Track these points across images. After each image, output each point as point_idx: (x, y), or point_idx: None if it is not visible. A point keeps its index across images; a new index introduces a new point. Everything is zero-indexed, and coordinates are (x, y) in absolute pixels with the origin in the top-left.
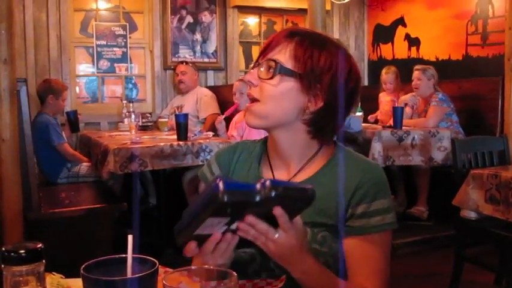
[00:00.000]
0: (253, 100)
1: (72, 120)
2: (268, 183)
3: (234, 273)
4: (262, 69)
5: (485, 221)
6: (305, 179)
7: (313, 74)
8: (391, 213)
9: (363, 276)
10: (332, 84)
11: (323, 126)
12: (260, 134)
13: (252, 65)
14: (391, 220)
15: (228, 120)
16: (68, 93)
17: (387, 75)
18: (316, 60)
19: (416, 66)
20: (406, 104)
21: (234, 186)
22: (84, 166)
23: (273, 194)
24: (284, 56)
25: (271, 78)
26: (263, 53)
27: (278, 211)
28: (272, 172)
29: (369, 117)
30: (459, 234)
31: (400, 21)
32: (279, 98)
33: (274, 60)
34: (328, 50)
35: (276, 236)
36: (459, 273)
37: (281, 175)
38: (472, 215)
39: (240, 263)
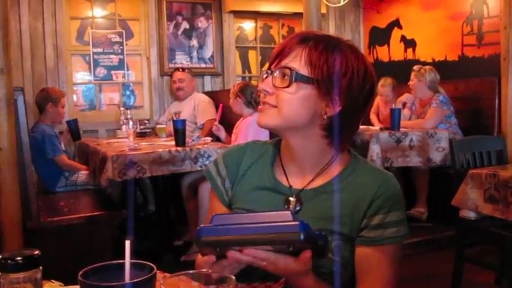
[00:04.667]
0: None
1: (73, 129)
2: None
3: (233, 277)
4: (276, 76)
5: (485, 220)
6: (319, 186)
7: (329, 79)
8: (404, 225)
9: (374, 286)
10: (349, 87)
11: (340, 131)
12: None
13: (263, 73)
14: (404, 232)
15: (223, 123)
16: (66, 99)
17: (383, 88)
18: (332, 64)
19: (414, 67)
20: (404, 104)
21: (309, 230)
22: (82, 174)
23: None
24: (299, 62)
25: (288, 86)
26: (275, 59)
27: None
28: (286, 178)
29: (377, 126)
30: (459, 235)
31: (396, 23)
32: (296, 105)
33: (290, 68)
34: (343, 52)
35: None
36: (460, 273)
37: (295, 181)
38: (472, 214)
39: (246, 268)
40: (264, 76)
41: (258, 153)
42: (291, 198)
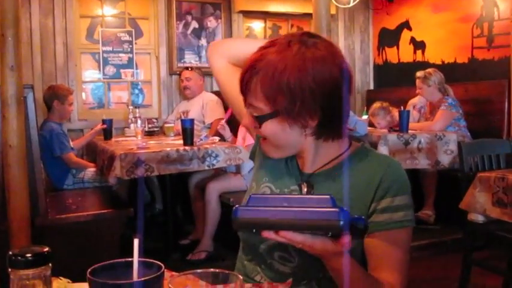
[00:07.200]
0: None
1: (107, 129)
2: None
3: (240, 276)
4: (249, 117)
5: (493, 224)
6: (327, 169)
7: (292, 103)
8: (411, 210)
9: (386, 271)
10: (316, 95)
11: (332, 127)
12: None
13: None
14: (411, 217)
15: (230, 123)
16: (74, 97)
17: (374, 117)
18: (287, 88)
19: (418, 74)
20: (414, 107)
21: (348, 216)
22: (88, 172)
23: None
24: (258, 100)
25: (260, 126)
26: (242, 94)
27: (347, 239)
28: (297, 162)
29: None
30: (466, 238)
31: (405, 25)
32: (279, 134)
33: (253, 112)
34: (293, 66)
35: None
36: (467, 277)
37: (307, 167)
38: (480, 218)
39: (256, 237)
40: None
41: None
42: (303, 184)
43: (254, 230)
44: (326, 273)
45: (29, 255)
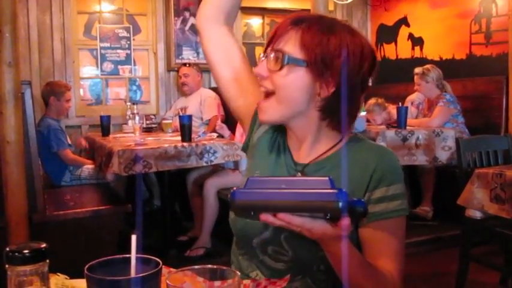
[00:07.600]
0: (267, 93)
1: (105, 125)
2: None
3: (238, 273)
4: (271, 60)
5: (491, 220)
6: (322, 160)
7: (323, 61)
8: (405, 199)
9: (385, 260)
10: (343, 68)
11: (337, 111)
12: None
13: (261, 56)
14: (406, 206)
15: (227, 120)
16: (71, 94)
17: (369, 114)
18: (326, 46)
19: (416, 70)
20: (412, 103)
21: (347, 198)
22: (85, 169)
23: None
24: (292, 45)
25: (280, 69)
26: (270, 43)
27: (347, 221)
28: (291, 154)
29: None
30: (464, 234)
31: (404, 21)
32: (290, 87)
33: (281, 51)
34: (337, 33)
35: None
36: (464, 273)
37: (300, 158)
38: (477, 214)
39: (249, 231)
40: (262, 60)
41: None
42: (298, 175)
43: (252, 213)
44: (320, 265)
45: (26, 251)
